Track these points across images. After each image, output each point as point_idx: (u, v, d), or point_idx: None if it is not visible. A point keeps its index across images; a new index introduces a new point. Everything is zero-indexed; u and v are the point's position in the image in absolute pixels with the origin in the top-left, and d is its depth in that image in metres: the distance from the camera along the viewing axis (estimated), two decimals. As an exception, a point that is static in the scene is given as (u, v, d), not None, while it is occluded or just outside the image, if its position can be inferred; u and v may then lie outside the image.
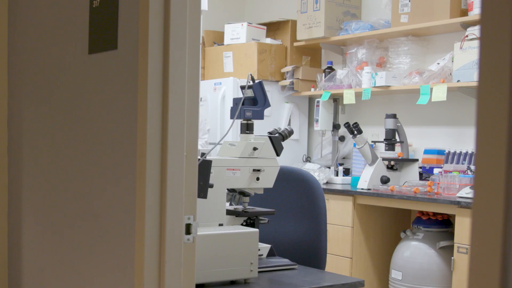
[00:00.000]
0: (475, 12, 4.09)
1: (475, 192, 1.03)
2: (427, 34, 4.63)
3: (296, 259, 2.45)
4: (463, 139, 4.45)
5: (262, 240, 2.37)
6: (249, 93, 2.32)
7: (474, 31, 4.05)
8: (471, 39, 4.06)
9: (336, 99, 5.09)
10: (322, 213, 2.63)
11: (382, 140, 4.56)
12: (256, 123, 2.35)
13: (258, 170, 2.26)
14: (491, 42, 1.08)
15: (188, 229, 1.74)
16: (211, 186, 2.08)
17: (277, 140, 2.30)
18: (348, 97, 4.81)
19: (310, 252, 2.61)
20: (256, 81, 2.33)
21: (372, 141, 4.70)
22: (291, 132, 2.37)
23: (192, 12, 1.73)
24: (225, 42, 5.50)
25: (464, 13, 4.27)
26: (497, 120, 1.02)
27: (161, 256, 1.70)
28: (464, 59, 4.12)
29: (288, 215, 2.68)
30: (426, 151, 4.59)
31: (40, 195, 2.30)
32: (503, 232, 0.99)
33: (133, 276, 1.73)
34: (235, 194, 2.34)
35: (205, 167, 2.03)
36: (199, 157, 1.97)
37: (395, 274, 4.04)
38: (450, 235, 3.90)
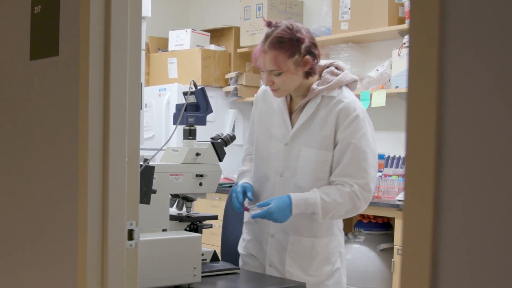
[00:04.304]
0: (413, 20, 4.20)
1: (406, 193, 1.08)
2: (366, 41, 4.74)
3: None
4: (402, 144, 4.53)
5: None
6: (192, 99, 2.34)
7: (412, 38, 4.16)
8: (409, 46, 4.17)
9: (280, 105, 5.15)
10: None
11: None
12: (201, 128, 2.37)
13: (201, 176, 2.28)
14: (419, 49, 1.14)
15: (130, 234, 1.74)
16: (154, 191, 2.09)
17: (219, 145, 2.33)
18: (291, 103, 4.87)
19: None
20: (199, 87, 2.35)
21: (314, 146, 4.75)
22: (233, 138, 2.40)
23: (133, 18, 1.74)
24: (170, 49, 5.50)
25: (402, 21, 4.39)
26: (425, 124, 1.08)
27: (104, 262, 1.70)
28: (402, 66, 4.23)
29: (237, 219, 2.69)
30: (367, 156, 4.68)
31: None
32: (433, 234, 1.04)
33: (76, 282, 1.73)
34: (178, 199, 2.35)
35: (147, 173, 2.04)
36: (141, 163, 1.98)
37: (337, 276, 4.10)
38: (390, 238, 4.00)
